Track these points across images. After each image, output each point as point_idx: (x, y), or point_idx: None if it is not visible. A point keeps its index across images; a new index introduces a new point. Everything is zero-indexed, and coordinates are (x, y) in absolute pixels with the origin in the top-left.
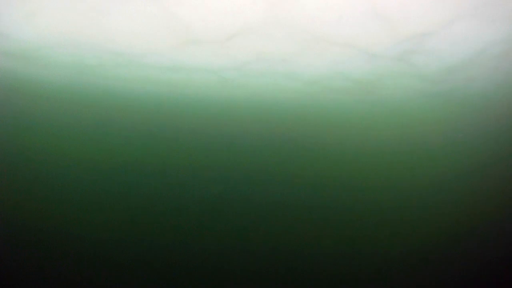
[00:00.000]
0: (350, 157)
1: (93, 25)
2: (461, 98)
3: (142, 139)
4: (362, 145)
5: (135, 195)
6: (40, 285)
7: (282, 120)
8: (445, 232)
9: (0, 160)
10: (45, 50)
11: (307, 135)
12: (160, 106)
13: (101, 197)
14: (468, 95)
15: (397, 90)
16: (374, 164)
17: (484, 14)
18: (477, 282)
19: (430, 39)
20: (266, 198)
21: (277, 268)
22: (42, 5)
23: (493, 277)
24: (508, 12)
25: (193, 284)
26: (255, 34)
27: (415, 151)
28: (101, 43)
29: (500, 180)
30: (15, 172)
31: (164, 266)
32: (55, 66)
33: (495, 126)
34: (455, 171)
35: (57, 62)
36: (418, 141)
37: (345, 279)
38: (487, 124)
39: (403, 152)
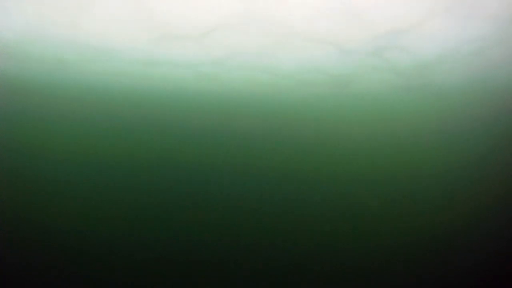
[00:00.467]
0: (326, 149)
1: (71, 21)
2: (436, 92)
3: (119, 132)
4: (338, 138)
5: (110, 189)
6: (39, 281)
7: (258, 113)
8: (425, 228)
9: None
10: (23, 45)
11: (283, 127)
12: (137, 100)
13: (75, 189)
14: (442, 90)
15: (371, 84)
16: (349, 156)
17: (459, 13)
18: (475, 275)
19: (404, 36)
20: (243, 191)
21: (264, 261)
22: (20, 1)
23: (492, 271)
24: (482, 11)
25: (180, 276)
26: (231, 29)
27: (389, 144)
28: (79, 39)
29: (475, 173)
30: None
31: (148, 259)
32: (34, 61)
33: (469, 120)
34: (429, 164)
35: (36, 57)
36: (392, 133)
37: (333, 274)
38: (461, 118)
39: (378, 144)
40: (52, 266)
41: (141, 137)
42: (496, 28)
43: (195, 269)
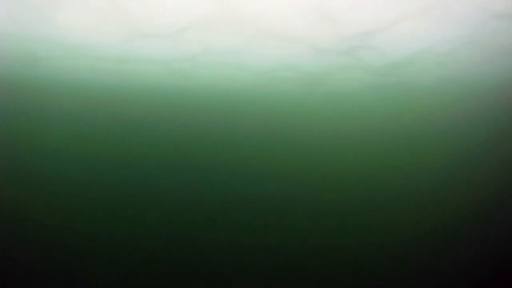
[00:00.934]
0: (298, 144)
1: (44, 19)
2: (406, 90)
3: (93, 127)
4: (310, 133)
5: (84, 183)
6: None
7: (230, 108)
8: (383, 224)
9: None
10: None
11: (256, 123)
12: (110, 95)
13: (39, 181)
14: (413, 88)
15: (344, 81)
16: (320, 151)
17: (431, 15)
18: (473, 269)
19: (376, 37)
20: (214, 185)
21: (242, 256)
22: None
23: (491, 263)
24: (453, 14)
25: (178, 272)
26: (204, 28)
27: (360, 139)
28: (52, 36)
29: (442, 167)
30: None
31: (135, 251)
32: (6, 58)
33: (438, 117)
34: (400, 159)
35: (9, 54)
36: (363, 129)
37: (320, 270)
38: (432, 115)
39: (350, 140)
40: (49, 261)
41: (115, 130)
42: (467, 31)
43: (181, 264)
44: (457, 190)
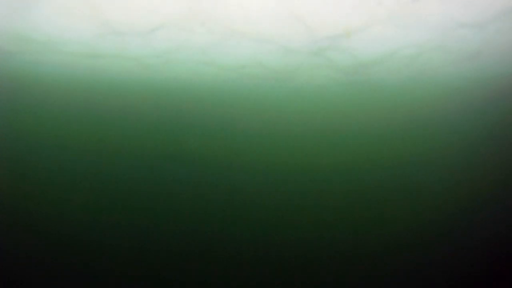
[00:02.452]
0: (263, 135)
1: (15, 14)
2: (374, 87)
3: (62, 122)
4: (276, 125)
5: (54, 179)
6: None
7: (199, 101)
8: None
9: None
10: None
11: (225, 117)
12: (81, 88)
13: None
14: (381, 85)
15: (312, 78)
16: (288, 144)
17: (399, 22)
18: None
19: (346, 40)
20: (183, 179)
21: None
22: None
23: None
24: (421, 21)
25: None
26: (176, 27)
27: (327, 133)
28: (24, 31)
29: (409, 166)
30: None
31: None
32: None
33: (404, 114)
34: (365, 154)
35: None
36: (331, 124)
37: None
38: (397, 111)
39: (317, 133)
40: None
41: (83, 124)
42: (434, 37)
43: (171, 255)
44: (416, 187)
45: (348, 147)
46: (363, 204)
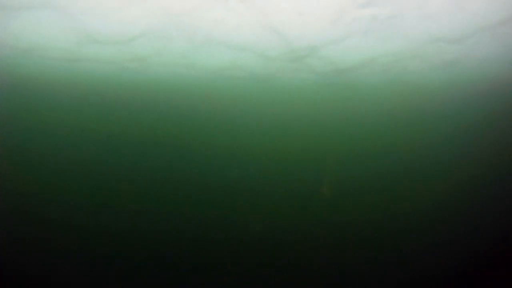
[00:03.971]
0: (246, 134)
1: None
2: (352, 90)
3: (46, 121)
4: (258, 123)
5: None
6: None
7: (181, 101)
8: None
9: None
10: None
11: (206, 114)
12: (60, 91)
13: None
14: (359, 88)
15: (291, 80)
16: (265, 140)
17: (375, 34)
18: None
19: (324, 49)
20: (162, 173)
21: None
22: None
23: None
24: (397, 34)
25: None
26: (156, 36)
27: (303, 130)
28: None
29: (382, 159)
30: None
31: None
32: None
33: (380, 113)
34: (337, 147)
35: None
36: (309, 121)
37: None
38: (374, 110)
39: (292, 130)
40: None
41: (66, 124)
42: (411, 47)
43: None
44: (387, 178)
45: (323, 141)
46: (341, 193)
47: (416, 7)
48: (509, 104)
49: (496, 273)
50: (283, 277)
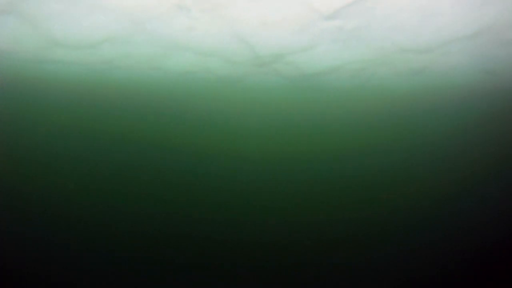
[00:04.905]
0: (210, 132)
1: None
2: (319, 93)
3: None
4: (227, 124)
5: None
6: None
7: (149, 101)
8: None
9: None
10: None
11: (173, 114)
12: (27, 92)
13: None
14: (326, 91)
15: (260, 82)
16: (228, 139)
17: (342, 44)
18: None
19: (291, 56)
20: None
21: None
22: None
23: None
24: (363, 43)
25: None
26: (121, 41)
27: (273, 131)
28: None
29: (345, 159)
30: None
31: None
32: None
33: (346, 116)
34: (304, 149)
35: None
36: (279, 122)
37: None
38: (340, 114)
39: (262, 130)
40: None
41: (22, 117)
42: (379, 56)
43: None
44: (351, 179)
45: (289, 142)
46: (305, 195)
47: (383, 19)
48: (476, 111)
49: (496, 273)
50: (275, 278)
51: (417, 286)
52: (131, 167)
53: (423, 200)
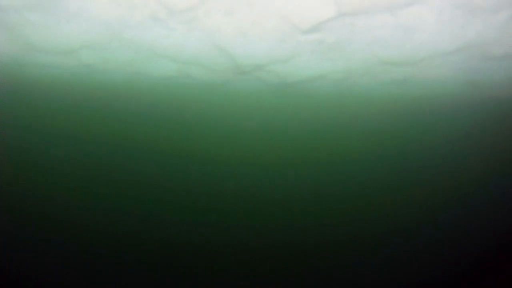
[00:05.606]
0: (191, 137)
1: None
2: (301, 99)
3: None
4: (207, 128)
5: None
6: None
7: (130, 104)
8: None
9: None
10: None
11: (151, 119)
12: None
13: None
14: (308, 97)
15: (241, 88)
16: (215, 141)
17: (322, 55)
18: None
19: (271, 67)
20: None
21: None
22: None
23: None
24: (344, 55)
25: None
26: (99, 48)
27: (258, 133)
28: None
29: (326, 165)
30: None
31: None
32: None
33: (328, 122)
34: (285, 154)
35: None
36: (259, 127)
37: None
38: (322, 120)
39: (243, 135)
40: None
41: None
42: (360, 66)
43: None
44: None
45: (271, 146)
46: (289, 199)
47: (363, 34)
48: (459, 120)
49: (496, 275)
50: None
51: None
52: (112, 168)
53: (403, 206)
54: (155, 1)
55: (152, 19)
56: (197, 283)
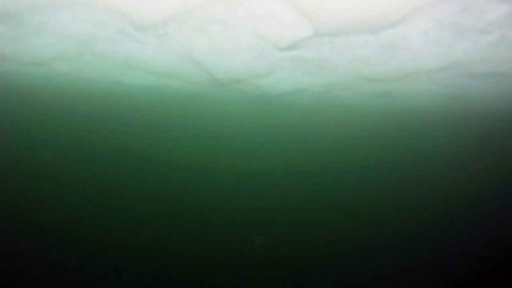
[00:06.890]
0: (174, 145)
1: None
2: (282, 109)
3: None
4: (186, 136)
5: None
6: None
7: (108, 111)
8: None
9: None
10: None
11: (130, 125)
12: None
13: None
14: (289, 108)
15: (223, 97)
16: (194, 150)
17: (303, 69)
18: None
19: (249, 80)
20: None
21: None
22: None
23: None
24: (326, 70)
25: None
26: (73, 59)
27: (234, 144)
28: None
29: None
30: None
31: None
32: None
33: (311, 132)
34: (264, 164)
35: None
36: (240, 137)
37: None
38: (304, 130)
39: (223, 144)
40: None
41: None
42: (341, 81)
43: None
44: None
45: (251, 155)
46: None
47: (343, 52)
48: (443, 131)
49: (496, 279)
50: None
51: None
52: (88, 174)
53: (382, 218)
54: (122, 18)
55: (121, 34)
56: None
